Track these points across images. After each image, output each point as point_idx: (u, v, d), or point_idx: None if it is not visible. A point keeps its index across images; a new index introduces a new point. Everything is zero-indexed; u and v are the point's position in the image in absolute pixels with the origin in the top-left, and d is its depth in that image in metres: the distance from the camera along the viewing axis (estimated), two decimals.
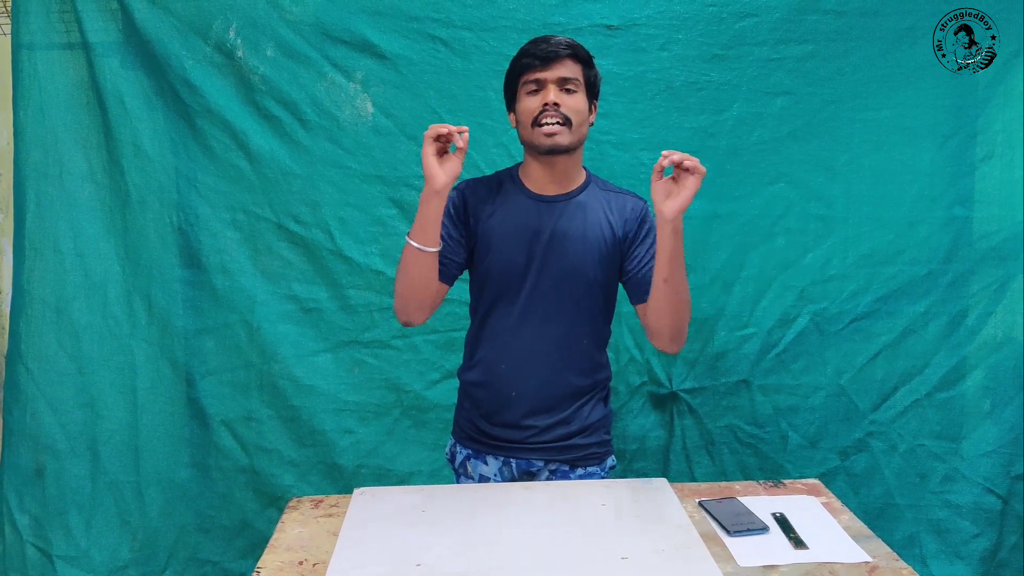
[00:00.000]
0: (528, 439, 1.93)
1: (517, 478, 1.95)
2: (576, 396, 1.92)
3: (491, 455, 1.96)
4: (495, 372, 1.91)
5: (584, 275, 1.86)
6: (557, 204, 1.88)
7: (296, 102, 2.40)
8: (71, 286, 2.44)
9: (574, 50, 1.81)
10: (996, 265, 2.47)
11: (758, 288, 2.49)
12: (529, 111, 1.81)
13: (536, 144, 1.82)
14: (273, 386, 2.47)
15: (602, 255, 1.88)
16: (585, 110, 1.83)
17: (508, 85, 1.88)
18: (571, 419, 1.93)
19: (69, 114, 2.40)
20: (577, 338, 1.90)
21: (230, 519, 2.50)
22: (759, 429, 2.52)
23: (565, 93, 1.80)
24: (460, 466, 2.01)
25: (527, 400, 1.90)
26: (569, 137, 1.80)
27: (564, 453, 1.94)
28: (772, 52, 2.40)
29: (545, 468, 1.95)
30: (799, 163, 2.45)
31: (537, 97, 1.80)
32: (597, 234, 1.87)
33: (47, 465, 2.46)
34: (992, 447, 2.48)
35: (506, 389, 1.91)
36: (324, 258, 2.46)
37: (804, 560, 1.56)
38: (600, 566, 1.51)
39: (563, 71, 1.79)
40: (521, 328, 1.88)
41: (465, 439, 2.00)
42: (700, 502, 1.79)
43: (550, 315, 1.87)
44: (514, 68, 1.85)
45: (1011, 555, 2.49)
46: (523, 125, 1.84)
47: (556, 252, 1.85)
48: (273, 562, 1.59)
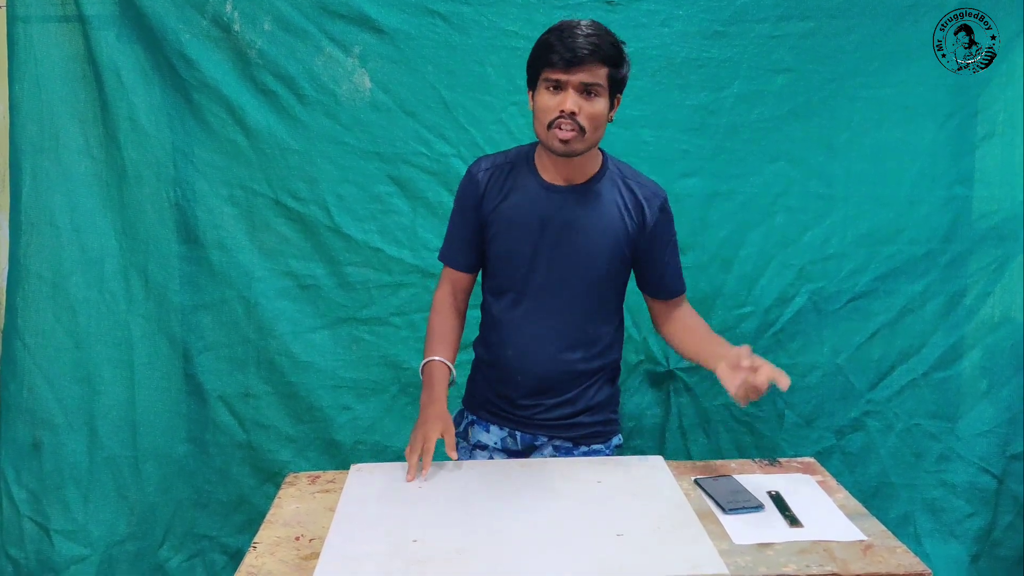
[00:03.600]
0: (534, 416, 1.94)
1: (521, 450, 1.97)
2: (582, 379, 1.93)
3: (496, 425, 1.98)
4: (501, 357, 1.93)
5: (595, 267, 1.86)
6: (569, 194, 1.85)
7: (293, 77, 2.38)
8: (68, 261, 2.43)
9: (601, 53, 1.72)
10: (995, 245, 2.48)
11: (757, 267, 2.49)
12: (546, 110, 1.75)
13: (549, 146, 1.78)
14: (270, 362, 2.47)
15: (614, 248, 1.86)
16: (603, 114, 1.76)
17: (529, 68, 1.80)
18: (576, 399, 1.94)
19: (65, 88, 2.38)
20: (584, 329, 1.90)
21: (227, 494, 2.51)
22: (755, 408, 2.52)
23: (585, 97, 1.73)
24: (462, 431, 2.03)
25: (533, 381, 1.91)
26: (583, 144, 1.76)
27: (569, 431, 1.95)
28: (774, 29, 2.39)
29: (549, 443, 1.96)
30: (800, 141, 2.44)
31: (556, 98, 1.73)
32: (610, 226, 1.85)
33: (44, 440, 2.46)
34: (988, 427, 2.50)
35: (511, 373, 1.92)
36: (321, 234, 2.45)
37: (799, 538, 1.56)
38: (595, 542, 1.52)
39: (586, 76, 1.71)
40: (527, 318, 1.89)
41: (475, 407, 2.02)
42: (696, 480, 1.79)
43: (557, 306, 1.87)
44: (537, 56, 1.76)
45: (1005, 534, 2.51)
46: (539, 121, 1.77)
47: (565, 243, 1.84)
48: (270, 537, 1.59)
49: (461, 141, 2.41)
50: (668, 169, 2.42)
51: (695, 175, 2.44)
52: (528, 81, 1.82)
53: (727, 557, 1.48)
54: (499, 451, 1.99)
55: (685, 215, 2.45)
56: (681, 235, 2.43)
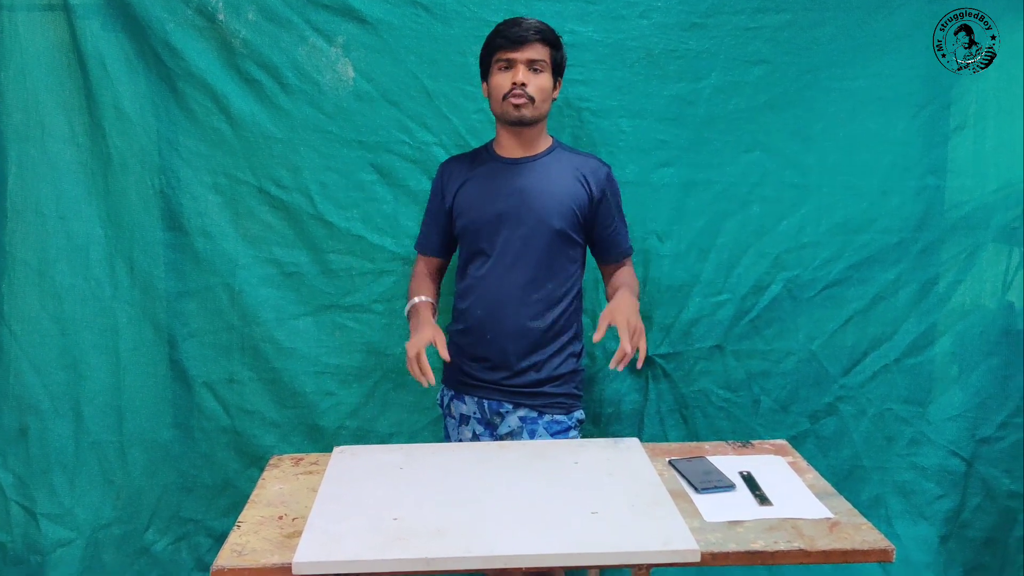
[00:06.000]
0: (502, 381, 2.14)
1: (489, 419, 2.17)
2: (545, 340, 2.15)
3: (468, 395, 2.20)
4: (473, 317, 2.18)
5: (548, 226, 2.12)
6: (524, 164, 2.17)
7: (277, 66, 2.40)
8: (53, 248, 2.44)
9: (543, 34, 2.08)
10: (966, 234, 2.51)
11: (733, 255, 2.52)
12: (500, 87, 2.09)
13: (504, 116, 2.11)
14: (255, 349, 2.50)
15: (566, 209, 2.13)
16: (549, 87, 2.11)
17: (483, 60, 2.15)
18: (541, 367, 2.14)
19: (51, 76, 2.39)
20: (544, 286, 2.14)
21: (212, 478, 2.54)
22: (732, 393, 2.57)
23: (533, 72, 2.08)
24: (446, 408, 2.26)
25: (501, 338, 2.14)
26: (532, 111, 2.09)
27: (533, 399, 2.14)
28: (750, 21, 2.42)
29: (515, 412, 2.14)
30: (775, 132, 2.47)
31: (507, 74, 2.08)
32: (563, 191, 2.14)
33: (31, 425, 2.48)
34: (958, 411, 2.54)
35: (483, 331, 2.16)
36: (305, 222, 2.47)
37: (768, 516, 1.62)
38: (571, 520, 1.57)
39: (532, 53, 2.07)
40: (494, 276, 2.15)
41: (451, 381, 2.26)
42: (670, 461, 1.84)
43: (518, 263, 2.13)
44: (489, 45, 2.12)
45: (974, 516, 2.56)
46: (494, 98, 2.13)
47: (523, 206, 2.12)
48: (253, 516, 1.63)
49: (443, 130, 2.44)
50: (646, 159, 2.46)
51: (672, 165, 2.47)
52: (481, 74, 2.17)
53: (698, 534, 1.53)
54: (478, 421, 2.19)
55: (662, 204, 2.49)
56: (659, 224, 2.50)
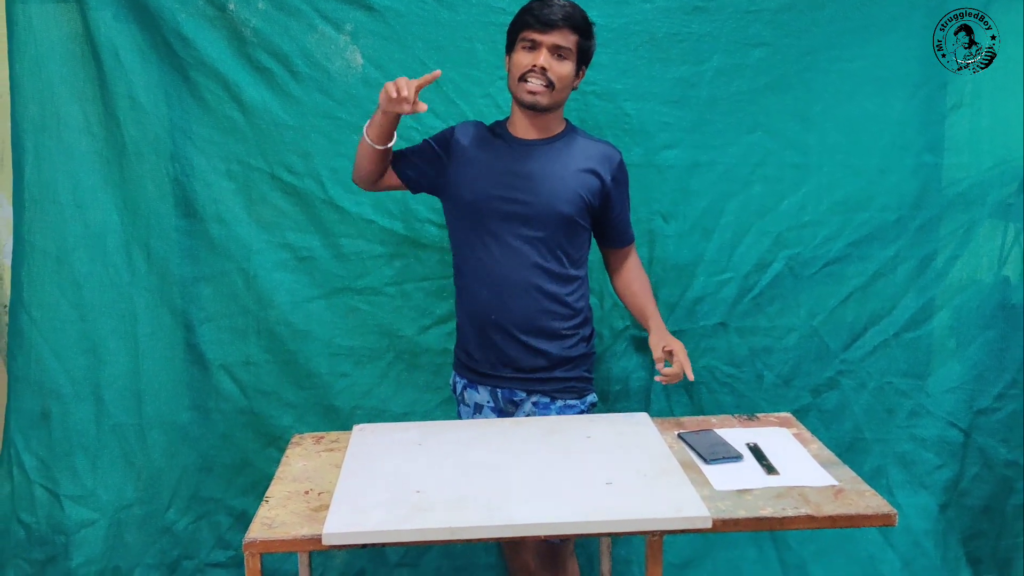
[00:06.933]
0: (513, 366, 2.10)
1: (503, 407, 2.13)
2: (553, 320, 2.11)
3: (481, 385, 2.15)
4: (478, 299, 2.13)
5: (556, 211, 2.07)
6: (535, 147, 2.11)
7: (287, 54, 2.44)
8: (71, 236, 2.49)
9: (573, 20, 2.00)
10: (963, 210, 2.55)
11: (736, 234, 2.57)
12: (519, 66, 2.03)
13: (519, 98, 2.06)
14: (270, 332, 2.54)
15: (575, 195, 2.08)
16: (570, 76, 2.04)
17: (509, 34, 2.08)
18: (551, 351, 2.09)
19: (65, 67, 2.43)
20: (550, 269, 2.10)
21: (231, 458, 2.58)
22: (736, 369, 2.62)
23: (556, 59, 2.01)
24: (460, 395, 2.21)
25: (508, 318, 2.09)
26: (549, 99, 2.03)
27: (545, 384, 2.11)
28: (750, 4, 2.45)
29: (528, 399, 2.11)
30: (776, 113, 2.51)
31: (530, 56, 2.01)
32: (574, 176, 2.09)
33: (52, 409, 2.52)
34: (956, 383, 2.59)
35: (488, 313, 2.11)
36: (316, 207, 2.52)
37: (775, 484, 1.68)
38: (586, 490, 1.63)
39: (558, 39, 1.99)
40: (499, 256, 2.10)
41: (462, 369, 2.19)
42: (679, 434, 1.90)
43: (524, 245, 2.08)
44: (517, 21, 2.04)
45: (972, 484, 2.62)
46: (512, 77, 2.07)
47: (532, 188, 2.07)
48: (281, 491, 1.69)
49: (450, 115, 2.48)
50: (650, 140, 2.50)
51: (676, 146, 2.51)
52: (507, 45, 2.10)
53: (709, 502, 1.59)
54: (491, 409, 2.15)
55: (667, 185, 2.54)
56: (663, 204, 2.54)
